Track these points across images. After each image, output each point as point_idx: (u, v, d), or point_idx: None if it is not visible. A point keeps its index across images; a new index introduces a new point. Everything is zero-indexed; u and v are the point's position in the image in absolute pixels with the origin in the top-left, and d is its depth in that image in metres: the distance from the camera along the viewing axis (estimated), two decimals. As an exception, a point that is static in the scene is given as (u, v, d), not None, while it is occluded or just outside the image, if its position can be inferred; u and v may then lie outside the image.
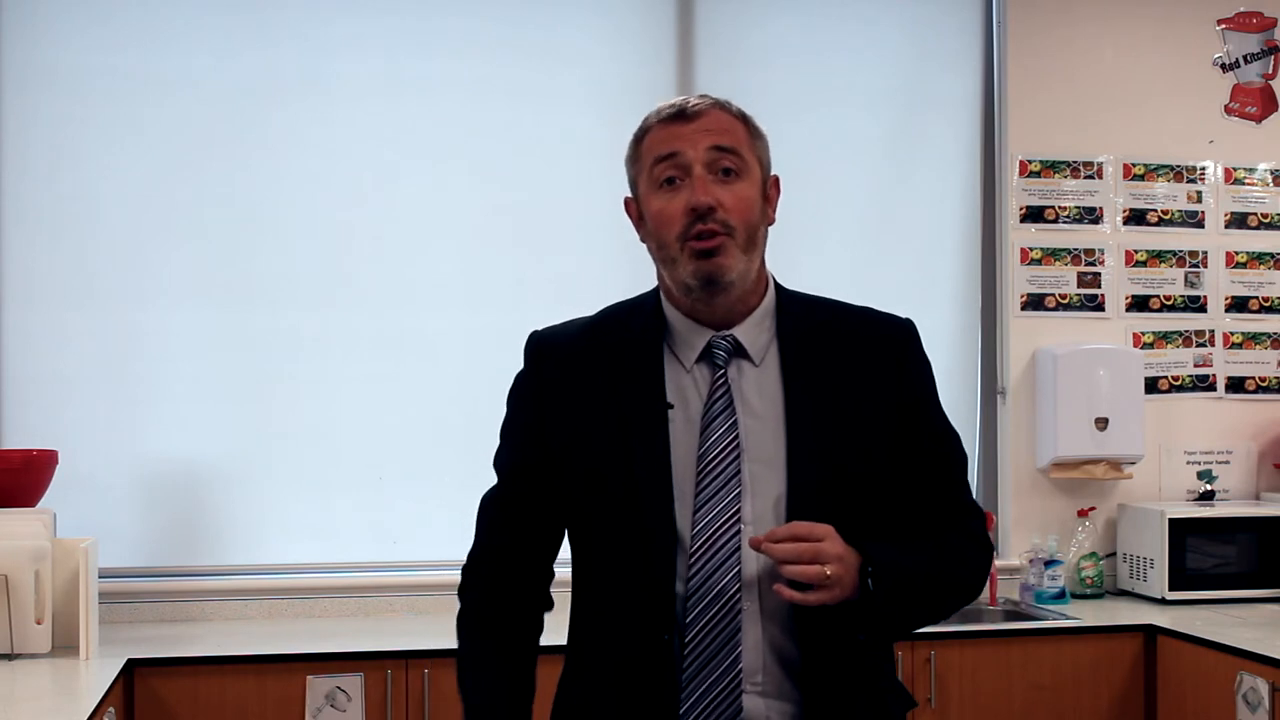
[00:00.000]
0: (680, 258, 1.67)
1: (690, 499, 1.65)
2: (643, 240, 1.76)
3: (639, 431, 1.67)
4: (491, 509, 1.83)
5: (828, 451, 1.67)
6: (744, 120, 1.73)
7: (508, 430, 1.83)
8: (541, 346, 1.80)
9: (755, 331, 1.73)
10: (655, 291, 1.79)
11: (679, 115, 1.69)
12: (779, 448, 1.67)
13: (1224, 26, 4.38)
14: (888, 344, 1.77)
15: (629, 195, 1.78)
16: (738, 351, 1.72)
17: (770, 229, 1.77)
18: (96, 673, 3.02)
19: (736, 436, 1.67)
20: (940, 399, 1.84)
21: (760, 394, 1.70)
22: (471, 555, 1.85)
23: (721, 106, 1.72)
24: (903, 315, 1.83)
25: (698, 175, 1.66)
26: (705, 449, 1.66)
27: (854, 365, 1.73)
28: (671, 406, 1.69)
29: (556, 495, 1.75)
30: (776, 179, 1.77)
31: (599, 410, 1.70)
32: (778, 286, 1.79)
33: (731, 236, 1.65)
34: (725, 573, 1.62)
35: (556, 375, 1.76)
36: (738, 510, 1.64)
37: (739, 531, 1.64)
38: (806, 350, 1.73)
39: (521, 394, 1.81)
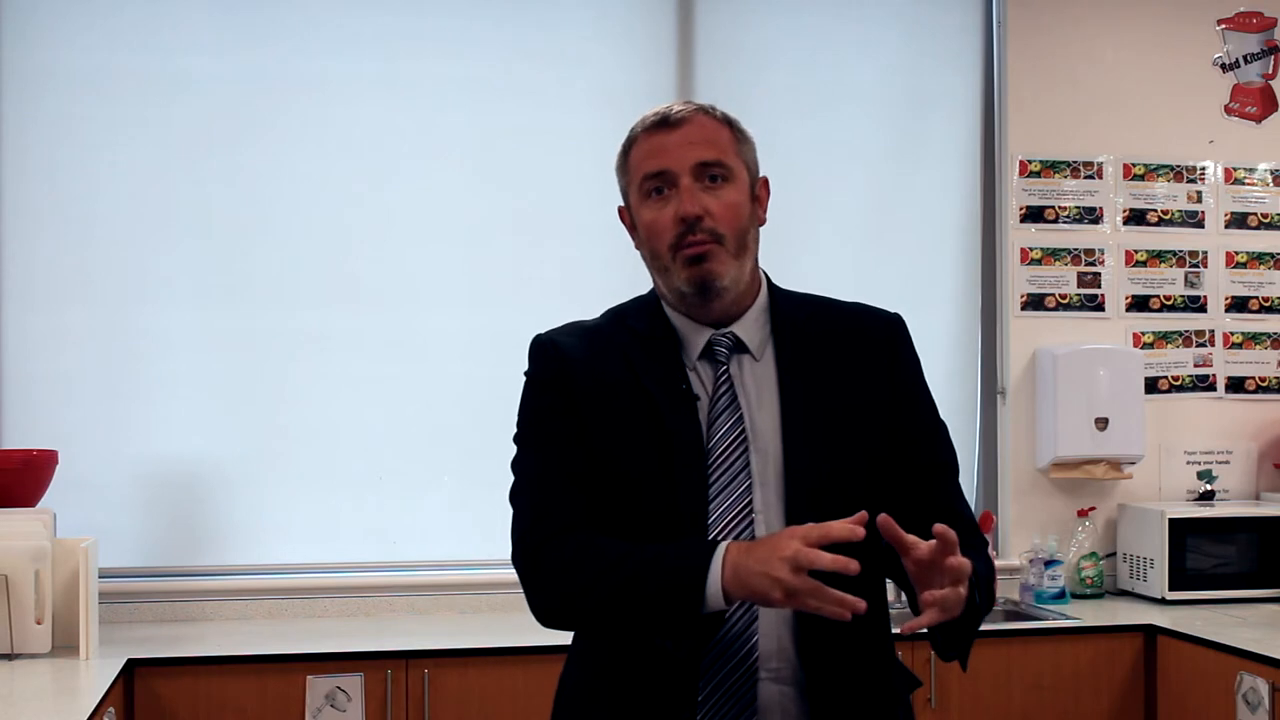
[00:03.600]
0: (673, 266, 1.70)
1: (705, 491, 1.66)
2: (638, 248, 1.79)
3: (673, 422, 1.68)
4: (544, 485, 1.70)
5: (822, 441, 1.68)
6: (729, 124, 1.74)
7: (537, 415, 1.75)
8: (553, 346, 1.78)
9: (753, 328, 1.76)
10: (653, 293, 1.82)
11: (663, 123, 1.71)
12: (777, 438, 1.69)
13: (1224, 26, 4.38)
14: (879, 337, 1.79)
15: (621, 204, 1.80)
16: (738, 347, 1.75)
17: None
18: (96, 673, 3.02)
19: (743, 430, 1.69)
20: (931, 394, 1.84)
21: (759, 387, 1.73)
22: (535, 537, 1.69)
23: (706, 112, 1.73)
24: (901, 313, 1.84)
25: (685, 185, 1.68)
26: (714, 443, 1.68)
27: (848, 357, 1.75)
28: (699, 398, 1.70)
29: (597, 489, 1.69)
30: (765, 180, 1.79)
31: (628, 404, 1.70)
32: (770, 284, 1.82)
33: (721, 244, 1.69)
34: None
35: (576, 371, 1.74)
36: (750, 501, 1.66)
37: (752, 521, 1.65)
38: (801, 344, 1.75)
39: (544, 393, 1.75)
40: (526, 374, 1.80)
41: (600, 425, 1.70)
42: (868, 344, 1.77)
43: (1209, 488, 4.21)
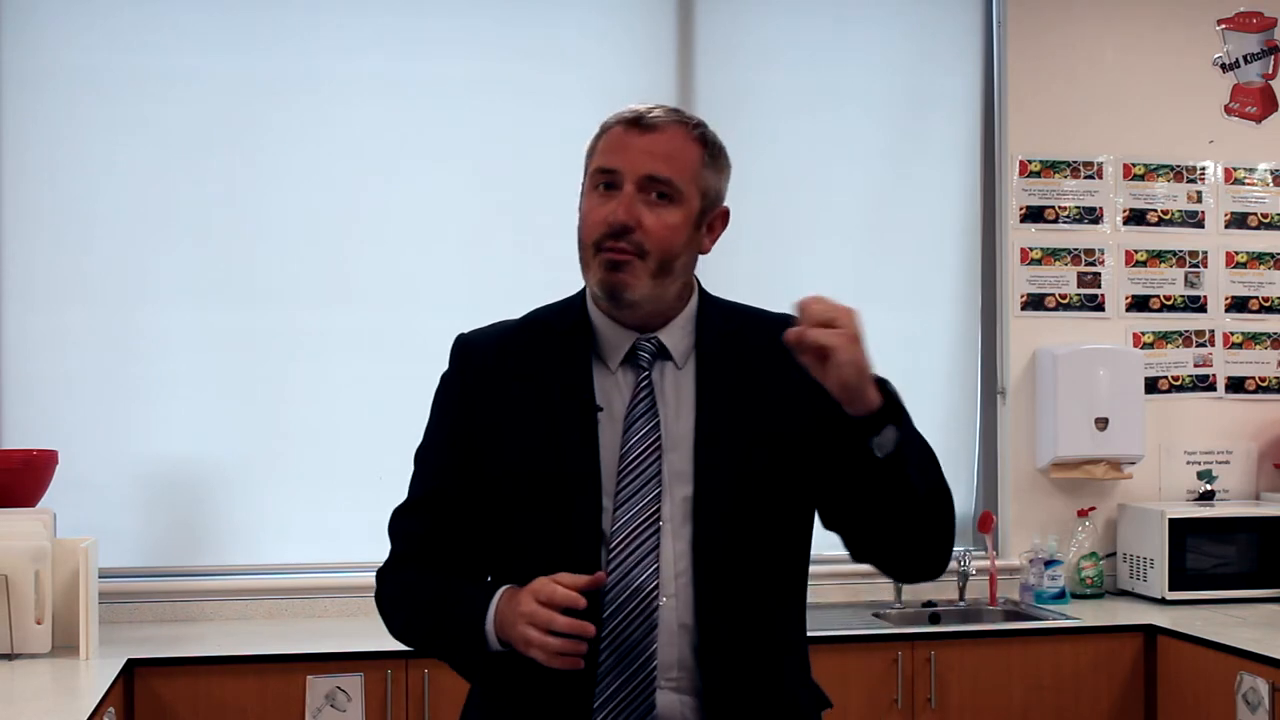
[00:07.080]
0: (591, 263, 1.70)
1: (612, 497, 1.66)
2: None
3: (569, 432, 1.68)
4: (407, 519, 1.79)
5: (735, 449, 1.66)
6: (704, 144, 1.70)
7: (430, 433, 1.83)
8: (467, 348, 1.81)
9: (679, 335, 1.73)
10: (583, 291, 1.80)
11: (635, 123, 1.69)
12: (690, 446, 1.68)
13: (1224, 26, 4.38)
14: None
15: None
16: (661, 354, 1.73)
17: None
18: (96, 673, 3.02)
19: (659, 437, 1.68)
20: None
21: (679, 396, 1.71)
22: (385, 564, 1.80)
23: (683, 124, 1.70)
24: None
25: (627, 192, 1.66)
26: (627, 448, 1.67)
27: (771, 366, 1.69)
28: (601, 409, 1.69)
29: (477, 499, 1.71)
30: (725, 211, 1.75)
31: (527, 410, 1.70)
32: (702, 294, 1.79)
33: (642, 259, 1.66)
34: (644, 570, 1.63)
35: (482, 376, 1.76)
36: (657, 509, 1.65)
37: (658, 529, 1.64)
38: (725, 353, 1.73)
39: (446, 396, 1.81)
40: (444, 372, 1.84)
41: (496, 434, 1.70)
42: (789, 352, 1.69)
43: (1209, 488, 4.21)
